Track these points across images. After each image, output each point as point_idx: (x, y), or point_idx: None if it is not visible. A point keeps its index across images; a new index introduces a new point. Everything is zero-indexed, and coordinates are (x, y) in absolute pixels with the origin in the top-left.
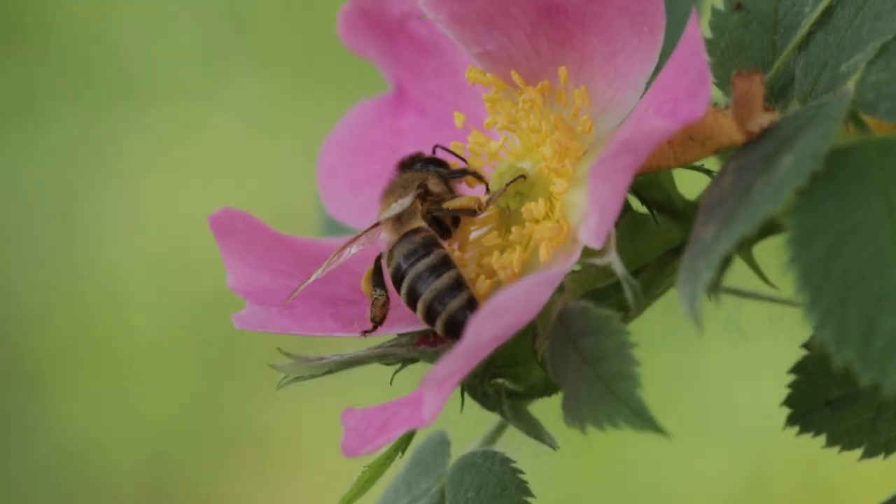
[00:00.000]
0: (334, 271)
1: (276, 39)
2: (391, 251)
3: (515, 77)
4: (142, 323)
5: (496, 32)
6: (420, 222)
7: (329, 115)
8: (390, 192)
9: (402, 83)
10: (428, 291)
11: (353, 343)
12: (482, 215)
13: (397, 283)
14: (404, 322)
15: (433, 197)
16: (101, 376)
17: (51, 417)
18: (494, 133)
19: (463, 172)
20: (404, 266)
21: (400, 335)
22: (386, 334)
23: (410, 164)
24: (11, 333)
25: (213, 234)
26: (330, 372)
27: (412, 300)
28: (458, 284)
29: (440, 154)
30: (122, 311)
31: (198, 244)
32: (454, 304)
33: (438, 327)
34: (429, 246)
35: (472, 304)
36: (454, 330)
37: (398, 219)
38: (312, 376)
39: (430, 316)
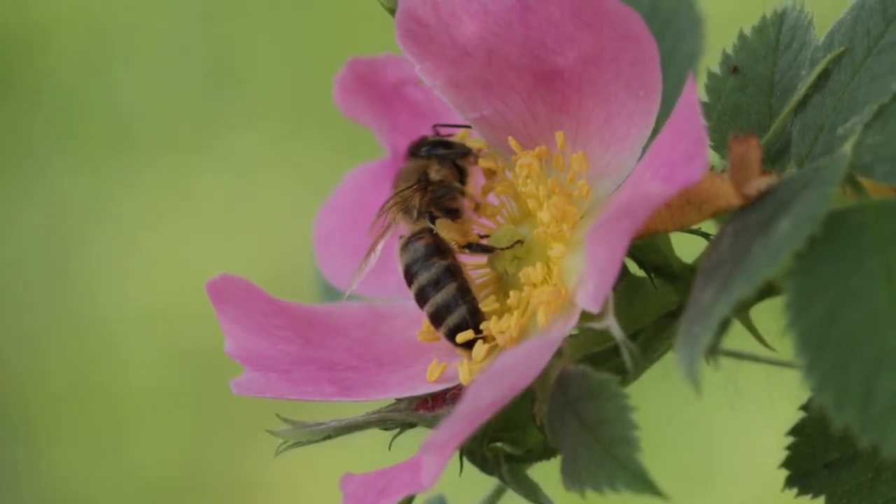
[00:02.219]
0: (332, 336)
1: (266, 92)
2: (402, 248)
3: (512, 142)
4: (134, 375)
5: (493, 98)
6: (423, 223)
7: (320, 168)
8: (398, 182)
9: (399, 148)
10: (429, 305)
11: (351, 406)
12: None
13: (408, 280)
14: (402, 386)
15: (435, 186)
16: (93, 428)
17: (41, 469)
18: (491, 198)
19: (466, 152)
20: (413, 270)
21: (398, 400)
22: (384, 399)
23: (417, 150)
24: (2, 384)
25: (211, 300)
26: (328, 437)
27: (420, 303)
28: (457, 299)
29: (444, 131)
30: (115, 363)
31: (190, 296)
32: (452, 319)
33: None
34: (430, 257)
35: (472, 317)
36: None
37: (406, 211)
38: (310, 442)
39: (434, 325)
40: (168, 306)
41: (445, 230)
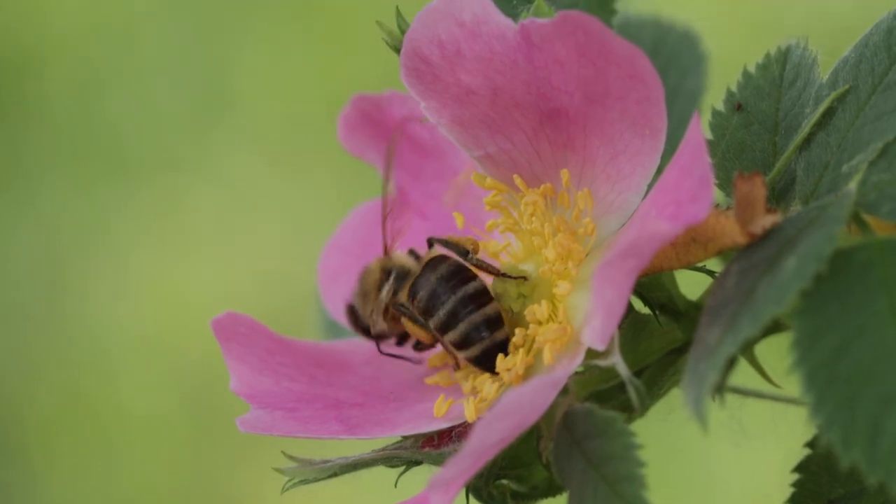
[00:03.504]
0: (338, 373)
1: (261, 114)
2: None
3: (517, 180)
4: (128, 395)
5: (498, 136)
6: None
7: (315, 188)
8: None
9: (403, 185)
10: (463, 325)
11: (356, 443)
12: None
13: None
14: (408, 424)
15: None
16: (87, 448)
17: (37, 489)
18: (496, 235)
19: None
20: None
21: (404, 437)
22: (391, 436)
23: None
24: None
25: (216, 338)
26: (335, 475)
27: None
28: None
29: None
30: (109, 383)
31: (184, 317)
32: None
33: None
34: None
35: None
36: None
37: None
38: (317, 479)
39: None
40: (162, 327)
41: None
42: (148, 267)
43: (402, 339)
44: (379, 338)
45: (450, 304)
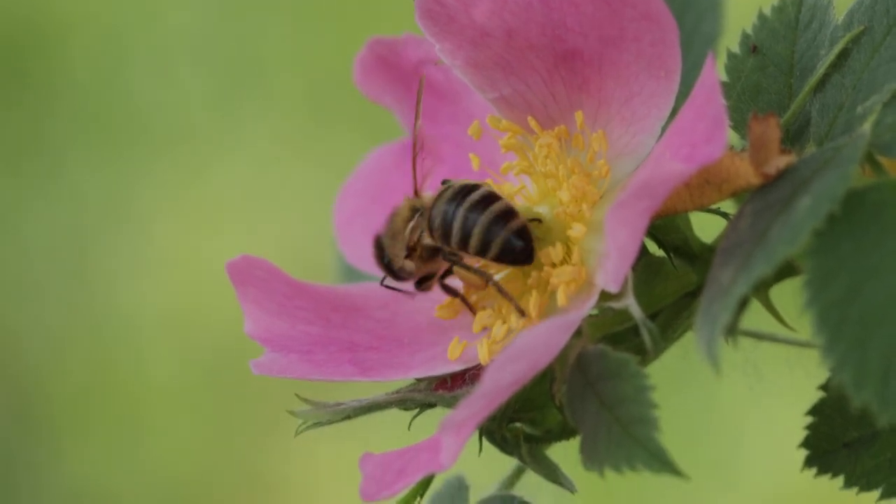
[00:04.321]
0: (353, 317)
1: (284, 85)
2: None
3: (532, 122)
4: (154, 369)
5: (512, 78)
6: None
7: (339, 158)
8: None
9: (419, 129)
10: (479, 226)
11: (369, 388)
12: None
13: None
14: (422, 367)
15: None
16: (114, 423)
17: (63, 465)
18: (511, 178)
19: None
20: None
21: (418, 380)
22: (405, 379)
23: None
24: (23, 381)
25: (231, 281)
26: (348, 417)
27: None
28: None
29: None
30: (135, 358)
31: (210, 289)
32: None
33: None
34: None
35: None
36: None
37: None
38: (331, 422)
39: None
40: (187, 300)
41: None
42: (172, 239)
43: (422, 281)
44: (399, 274)
45: (484, 221)
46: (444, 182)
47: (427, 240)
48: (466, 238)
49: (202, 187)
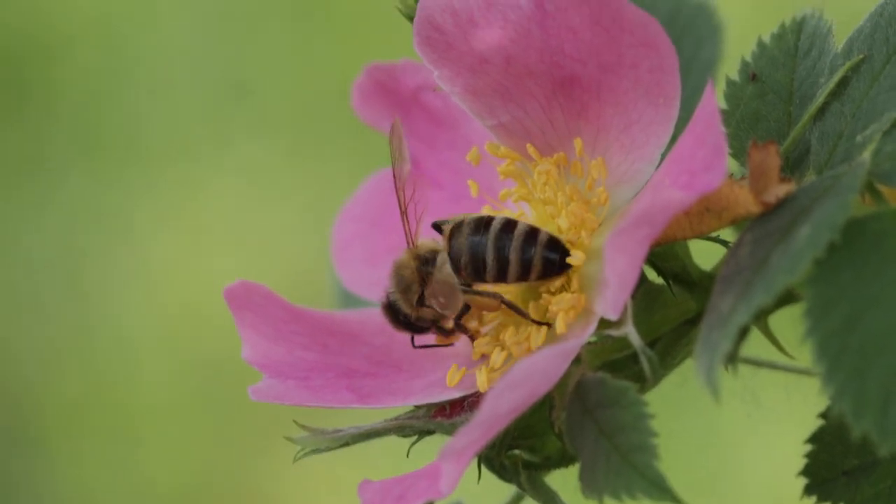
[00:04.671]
0: (350, 343)
1: (279, 103)
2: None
3: (531, 149)
4: (149, 383)
5: (511, 105)
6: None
7: (334, 176)
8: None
9: (417, 155)
10: (513, 251)
11: (368, 413)
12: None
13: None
14: (421, 394)
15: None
16: (108, 436)
17: (57, 480)
18: (510, 204)
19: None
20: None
21: (417, 407)
22: (403, 406)
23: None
24: (18, 395)
25: (229, 306)
26: (347, 444)
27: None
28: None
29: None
30: (130, 374)
31: (205, 306)
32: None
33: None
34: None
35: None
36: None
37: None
38: (329, 449)
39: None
40: (182, 315)
41: None
42: (167, 255)
43: (441, 325)
44: (422, 326)
45: (516, 245)
46: (436, 224)
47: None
48: (504, 266)
49: (197, 204)
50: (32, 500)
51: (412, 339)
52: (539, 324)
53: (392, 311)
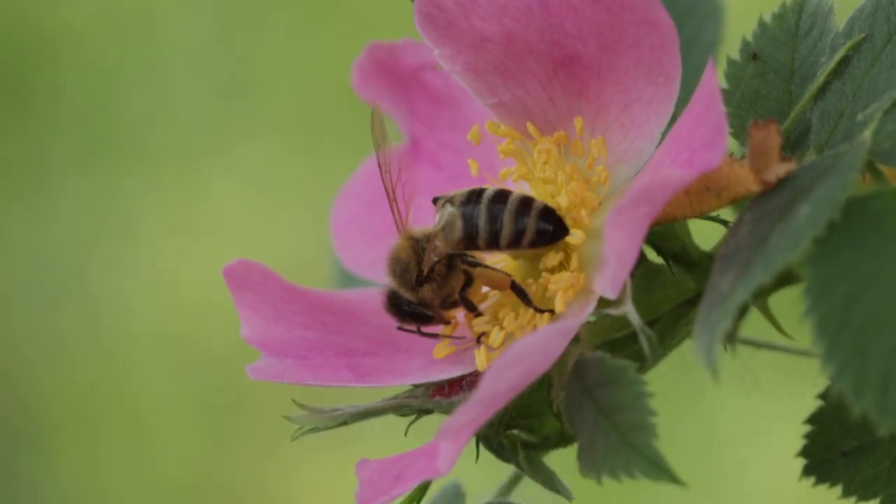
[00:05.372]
0: (349, 322)
1: (282, 102)
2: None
3: (531, 128)
4: (152, 383)
5: (511, 83)
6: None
7: (334, 174)
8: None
9: (417, 135)
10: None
11: (366, 394)
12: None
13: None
14: (419, 373)
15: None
16: (111, 437)
17: (60, 478)
18: (510, 184)
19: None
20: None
21: (415, 386)
22: (400, 385)
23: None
24: (21, 394)
25: (228, 285)
26: (345, 423)
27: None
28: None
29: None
30: (132, 373)
31: (208, 306)
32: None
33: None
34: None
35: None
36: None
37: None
38: (327, 427)
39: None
40: (186, 315)
41: None
42: (169, 256)
43: (446, 301)
44: (425, 313)
45: (510, 209)
46: (436, 199)
47: (445, 250)
48: (496, 232)
49: (199, 205)
50: (36, 497)
51: (399, 326)
52: (541, 311)
53: (395, 304)
